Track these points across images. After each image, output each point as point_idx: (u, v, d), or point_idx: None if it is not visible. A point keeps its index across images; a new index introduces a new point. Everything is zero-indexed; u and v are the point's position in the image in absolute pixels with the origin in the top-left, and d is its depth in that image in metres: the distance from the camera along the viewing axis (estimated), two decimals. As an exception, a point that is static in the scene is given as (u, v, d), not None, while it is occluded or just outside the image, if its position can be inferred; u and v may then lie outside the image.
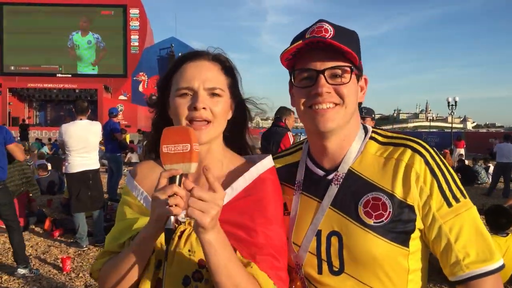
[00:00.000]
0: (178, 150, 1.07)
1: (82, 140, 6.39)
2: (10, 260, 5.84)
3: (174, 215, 1.06)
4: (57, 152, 16.25)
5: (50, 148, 18.73)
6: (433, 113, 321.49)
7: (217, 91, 1.25)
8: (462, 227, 1.19)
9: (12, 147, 5.34)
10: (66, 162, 6.56)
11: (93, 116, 17.61)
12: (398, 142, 1.30)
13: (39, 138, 25.36)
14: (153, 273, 1.19)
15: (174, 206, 1.03)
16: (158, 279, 1.19)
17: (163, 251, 1.10)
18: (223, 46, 1.35)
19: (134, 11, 37.36)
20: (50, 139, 23.07)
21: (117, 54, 37.36)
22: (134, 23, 37.47)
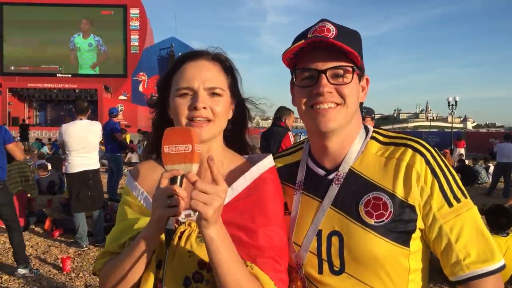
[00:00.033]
0: (180, 151, 1.07)
1: (82, 140, 6.39)
2: (11, 260, 5.84)
3: (175, 216, 1.06)
4: (57, 152, 16.24)
5: (50, 148, 18.72)
6: (433, 113, 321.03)
7: (217, 91, 1.25)
8: (463, 227, 1.19)
9: (11, 147, 5.34)
10: (66, 162, 6.56)
11: (93, 116, 17.59)
12: (399, 142, 1.29)
13: (39, 138, 25.35)
14: (154, 273, 1.19)
15: (175, 206, 1.03)
16: (159, 280, 1.19)
17: (164, 252, 1.10)
18: (223, 46, 1.35)
19: (134, 11, 37.35)
20: (50, 139, 23.07)
21: (117, 54, 37.36)
22: (134, 23, 37.46)
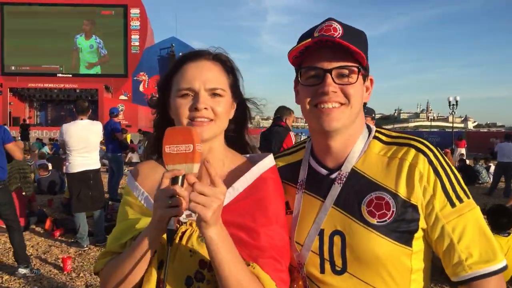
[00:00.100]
0: (181, 151, 1.06)
1: (83, 140, 6.39)
2: (11, 260, 5.84)
3: (176, 216, 1.05)
4: (57, 152, 16.24)
5: (51, 148, 18.72)
6: (434, 112, 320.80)
7: (218, 91, 1.24)
8: (465, 227, 1.18)
9: (10, 146, 5.33)
10: (67, 162, 6.56)
11: (93, 116, 17.62)
12: (402, 141, 1.29)
13: (40, 138, 25.36)
14: (155, 273, 1.19)
15: (176, 206, 1.03)
16: (160, 280, 1.19)
17: (165, 252, 1.10)
18: (223, 46, 1.35)
19: (135, 11, 37.38)
20: (52, 139, 23.07)
21: (117, 54, 37.37)
22: (135, 23, 37.50)
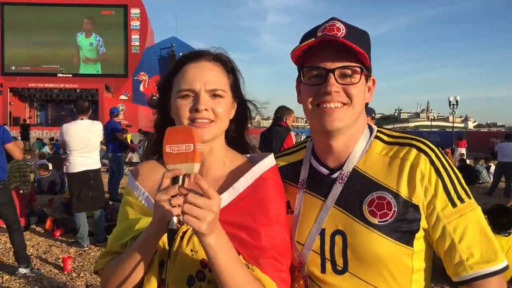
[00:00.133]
0: (181, 150, 1.06)
1: (83, 140, 6.39)
2: (12, 260, 5.84)
3: (177, 216, 1.05)
4: (57, 152, 16.24)
5: (51, 148, 18.73)
6: (434, 112, 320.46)
7: (218, 92, 1.24)
8: (466, 228, 1.18)
9: (10, 146, 5.34)
10: (67, 162, 6.56)
11: (94, 116, 17.58)
12: (403, 141, 1.29)
13: (40, 138, 25.34)
14: (156, 273, 1.19)
15: (177, 206, 1.02)
16: (161, 280, 1.19)
17: (166, 251, 1.10)
18: (223, 46, 1.34)
19: (135, 11, 37.38)
20: (52, 139, 23.06)
21: (118, 54, 37.37)
22: (135, 23, 37.49)
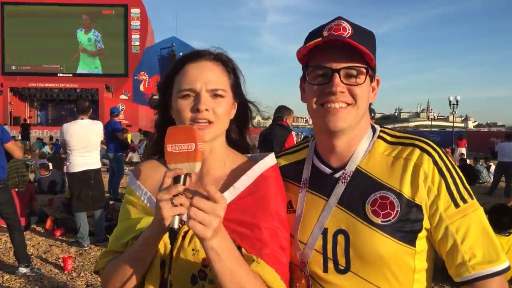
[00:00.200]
0: (183, 150, 1.06)
1: (84, 139, 6.39)
2: (12, 259, 5.84)
3: (179, 215, 1.05)
4: (58, 151, 16.25)
5: (51, 147, 18.73)
6: (434, 112, 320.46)
7: (219, 92, 1.24)
8: (469, 228, 1.18)
9: (9, 145, 5.33)
10: (68, 162, 6.56)
11: (94, 115, 17.59)
12: (406, 141, 1.29)
13: (40, 137, 25.34)
14: (157, 273, 1.19)
15: (178, 205, 1.02)
16: (163, 279, 1.18)
17: (167, 251, 1.09)
18: (223, 46, 1.34)
19: (135, 11, 37.37)
20: (52, 138, 23.05)
21: (118, 54, 37.37)
22: (135, 23, 37.48)
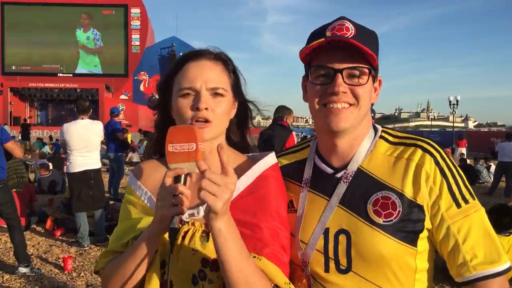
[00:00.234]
0: (184, 149, 1.06)
1: (84, 139, 6.39)
2: (12, 259, 5.84)
3: (179, 215, 1.05)
4: (58, 151, 16.26)
5: (51, 147, 18.74)
6: (434, 112, 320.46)
7: (219, 91, 1.24)
8: (470, 228, 1.18)
9: (9, 145, 5.33)
10: (68, 162, 6.56)
11: (94, 115, 17.59)
12: (408, 142, 1.29)
13: (40, 137, 25.35)
14: (157, 273, 1.18)
15: (179, 205, 1.02)
16: (163, 279, 1.18)
17: (167, 251, 1.09)
18: (224, 46, 1.34)
19: (135, 11, 37.37)
20: (52, 138, 23.05)
21: (118, 54, 37.37)
22: (135, 23, 37.48)
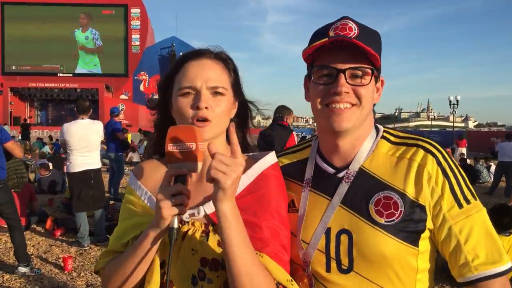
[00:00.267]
0: (184, 149, 1.05)
1: (84, 139, 6.39)
2: (12, 259, 5.84)
3: (179, 215, 1.04)
4: (58, 151, 16.26)
5: (51, 147, 18.75)
6: (434, 112, 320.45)
7: (220, 90, 1.23)
8: (472, 229, 1.18)
9: (9, 145, 5.32)
10: (68, 162, 6.56)
11: (94, 115, 17.60)
12: (410, 142, 1.29)
13: (40, 137, 25.34)
14: (157, 273, 1.18)
15: (179, 205, 1.02)
16: (163, 279, 1.18)
17: (167, 251, 1.09)
18: (223, 46, 1.33)
19: (135, 11, 37.37)
20: (52, 138, 23.05)
21: (118, 54, 37.37)
22: (135, 23, 37.47)
